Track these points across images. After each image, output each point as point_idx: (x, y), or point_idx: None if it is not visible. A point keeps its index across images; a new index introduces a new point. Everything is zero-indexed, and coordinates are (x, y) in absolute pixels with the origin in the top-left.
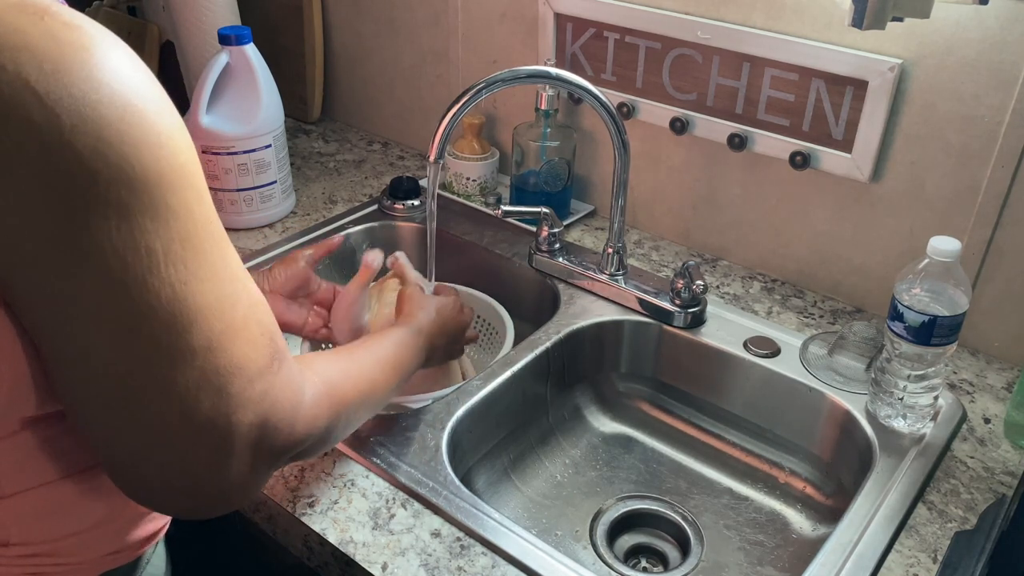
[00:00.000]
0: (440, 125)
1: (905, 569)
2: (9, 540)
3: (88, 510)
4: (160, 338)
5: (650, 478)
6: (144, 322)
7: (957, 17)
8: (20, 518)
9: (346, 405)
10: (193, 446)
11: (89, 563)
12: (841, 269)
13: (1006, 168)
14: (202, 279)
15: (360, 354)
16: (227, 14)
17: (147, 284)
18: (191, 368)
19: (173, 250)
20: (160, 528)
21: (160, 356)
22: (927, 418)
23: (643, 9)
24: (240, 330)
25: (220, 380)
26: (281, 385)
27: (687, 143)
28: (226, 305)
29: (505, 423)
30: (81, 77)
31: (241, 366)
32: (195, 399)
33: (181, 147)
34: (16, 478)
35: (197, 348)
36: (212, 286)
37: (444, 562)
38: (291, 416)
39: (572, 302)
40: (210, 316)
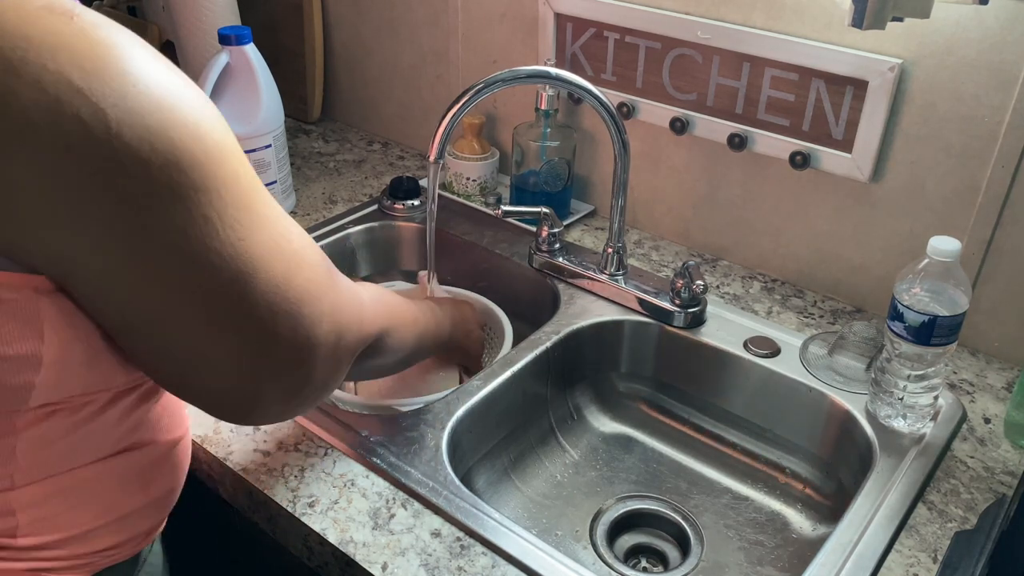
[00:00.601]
0: (440, 125)
1: (905, 569)
2: (17, 531)
3: (95, 501)
4: (231, 285)
5: (650, 478)
6: (213, 279)
7: (957, 17)
8: (30, 508)
9: (393, 320)
10: (281, 361)
11: (90, 557)
12: (841, 269)
13: (1006, 168)
14: (257, 230)
15: (400, 300)
16: (227, 14)
17: (210, 248)
18: (263, 304)
19: (228, 214)
20: (159, 524)
21: (232, 301)
22: (927, 418)
23: (643, 9)
24: (301, 261)
25: (295, 307)
26: (345, 297)
27: (687, 143)
28: (283, 243)
29: (505, 423)
30: (119, 72)
31: (308, 290)
32: (274, 329)
33: (215, 122)
34: (28, 469)
35: (266, 286)
36: (267, 233)
37: (444, 562)
38: (358, 317)
39: (572, 302)
40: (271, 260)
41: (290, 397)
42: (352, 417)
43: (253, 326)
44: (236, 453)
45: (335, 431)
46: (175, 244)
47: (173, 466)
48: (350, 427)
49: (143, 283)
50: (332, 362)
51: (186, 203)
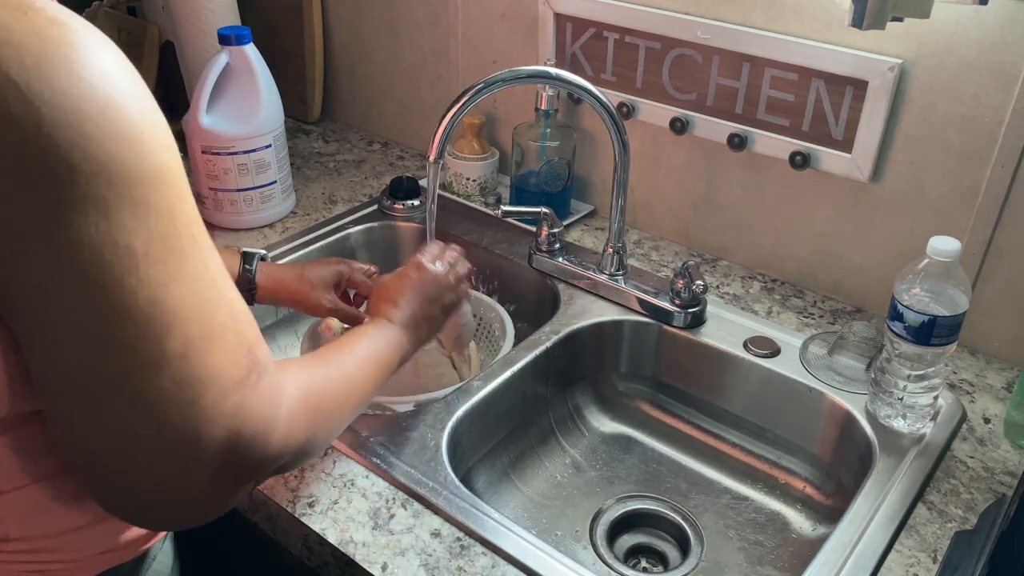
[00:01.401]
0: (440, 125)
1: (905, 569)
2: (8, 535)
3: (88, 505)
4: (135, 342)
5: (650, 478)
6: (120, 324)
7: (957, 17)
8: (19, 513)
9: (325, 415)
10: (160, 458)
11: (91, 559)
12: (841, 269)
13: (1006, 168)
14: (181, 282)
15: (340, 357)
16: (227, 14)
17: (124, 284)
18: (163, 377)
19: (153, 250)
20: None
21: (133, 362)
22: (927, 418)
23: (643, 9)
24: (217, 339)
25: (192, 391)
26: (257, 400)
27: (687, 143)
28: (205, 311)
29: (505, 423)
30: (63, 72)
31: (215, 377)
32: (165, 410)
33: (163, 146)
34: (14, 474)
35: (172, 355)
36: (191, 290)
37: (444, 562)
38: (265, 432)
39: (572, 302)
40: (187, 321)
41: (159, 498)
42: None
43: (143, 393)
44: None
45: None
46: (88, 267)
47: None
48: (350, 427)
49: (49, 304)
50: (220, 479)
51: (110, 223)
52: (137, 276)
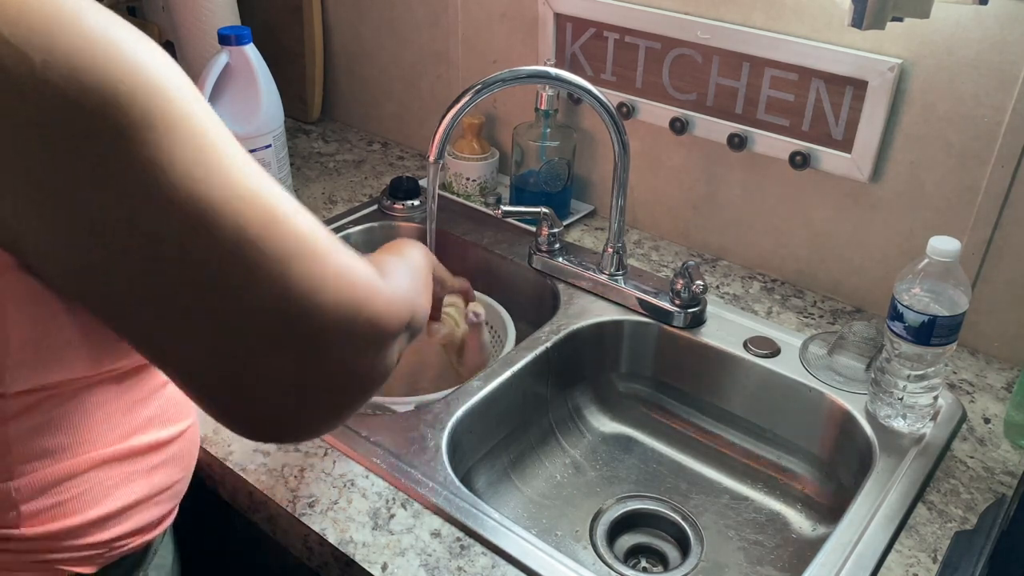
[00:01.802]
0: (440, 125)
1: (905, 569)
2: (20, 523)
3: (99, 491)
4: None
5: (650, 478)
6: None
7: (957, 17)
8: (31, 499)
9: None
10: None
11: (94, 548)
12: (841, 269)
13: (1006, 168)
14: (220, 173)
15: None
16: (227, 14)
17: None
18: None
19: (177, 154)
20: (166, 515)
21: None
22: (927, 418)
23: (643, 9)
24: (283, 212)
25: (277, 264)
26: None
27: (687, 143)
28: (256, 188)
29: (505, 423)
30: (47, 16)
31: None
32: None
33: (159, 59)
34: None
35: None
36: (233, 178)
37: (444, 562)
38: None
39: (572, 302)
40: (240, 207)
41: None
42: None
43: (219, 285)
44: (236, 453)
45: (335, 431)
46: (117, 191)
47: (179, 456)
48: (350, 427)
49: (87, 245)
50: (348, 348)
51: (125, 145)
52: (168, 182)
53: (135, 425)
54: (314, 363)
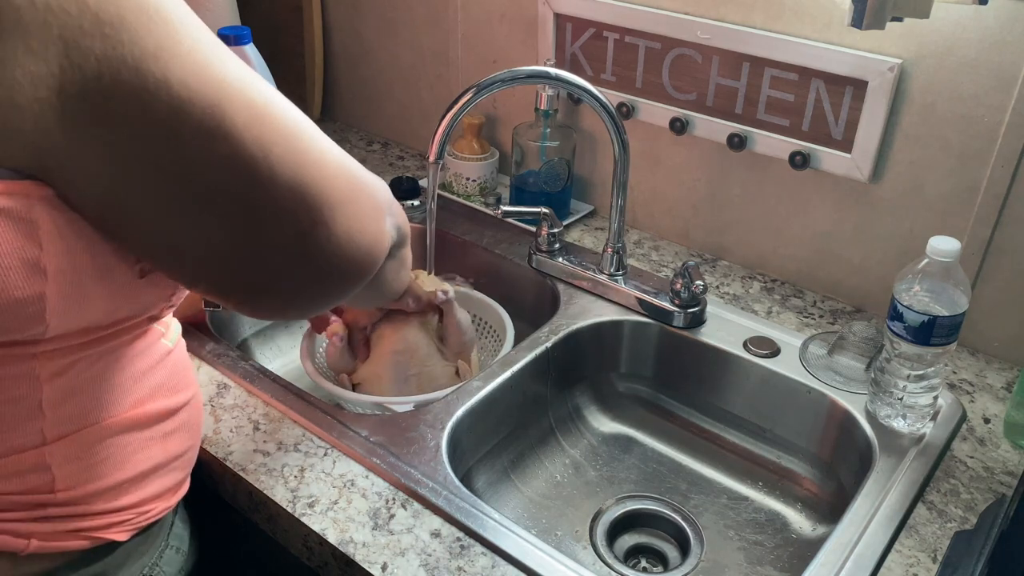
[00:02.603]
0: (440, 125)
1: (905, 569)
2: (55, 487)
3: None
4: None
5: (650, 478)
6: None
7: (957, 17)
8: (63, 463)
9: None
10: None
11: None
12: (841, 269)
13: (1006, 168)
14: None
15: None
16: (227, 14)
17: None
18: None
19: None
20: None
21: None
22: (927, 418)
23: (643, 9)
24: (283, 105)
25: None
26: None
27: (687, 143)
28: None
29: (505, 423)
30: None
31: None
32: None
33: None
34: (57, 424)
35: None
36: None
37: (444, 562)
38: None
39: (572, 302)
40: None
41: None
42: (352, 417)
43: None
44: (236, 453)
45: (335, 431)
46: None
47: (188, 424)
48: (350, 427)
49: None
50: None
51: (206, 39)
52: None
53: (145, 393)
54: (323, 231)
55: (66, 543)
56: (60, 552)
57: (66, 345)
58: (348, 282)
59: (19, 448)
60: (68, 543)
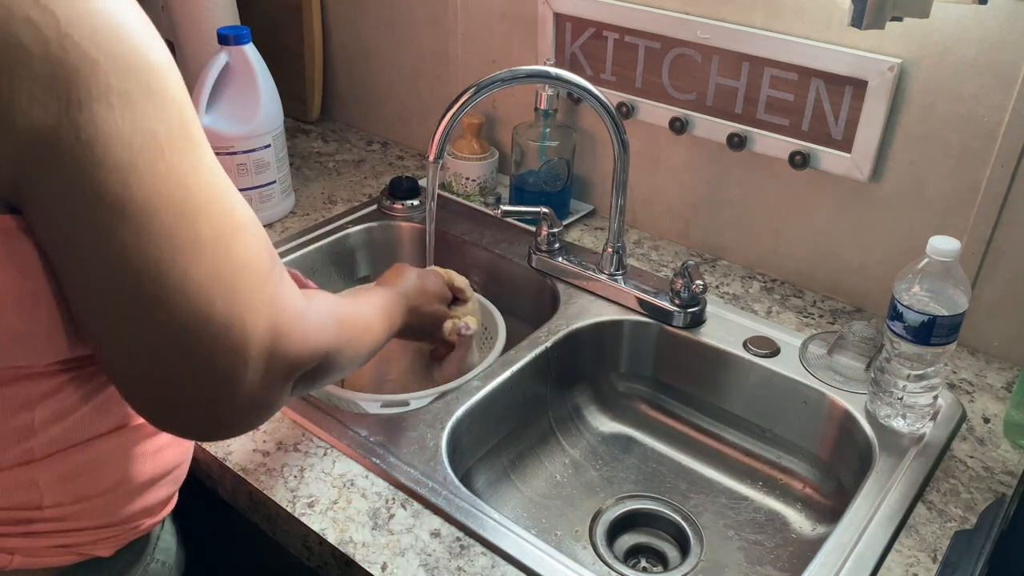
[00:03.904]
0: (440, 125)
1: (905, 569)
2: (42, 503)
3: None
4: (172, 227)
5: (650, 478)
6: (157, 209)
7: (957, 17)
8: (50, 480)
9: (350, 332)
10: (208, 349)
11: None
12: (841, 269)
13: (1005, 168)
14: (201, 171)
15: (358, 298)
16: (226, 14)
17: (156, 169)
18: (202, 262)
19: (174, 137)
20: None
21: (173, 246)
22: (926, 418)
23: (643, 9)
24: (241, 229)
25: (231, 276)
26: (287, 292)
27: (687, 143)
28: (226, 203)
29: (505, 423)
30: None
31: (249, 265)
32: (208, 295)
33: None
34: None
35: (206, 241)
36: (211, 180)
37: (444, 562)
38: (301, 324)
39: (572, 302)
40: (215, 210)
41: (210, 397)
42: (352, 417)
43: (186, 280)
44: (235, 453)
45: (335, 431)
46: (120, 157)
47: (177, 440)
48: (350, 427)
49: (86, 204)
50: (265, 372)
51: (135, 113)
52: (166, 162)
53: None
54: (225, 386)
55: (50, 559)
56: (43, 568)
57: (59, 368)
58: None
59: (7, 465)
60: (52, 559)
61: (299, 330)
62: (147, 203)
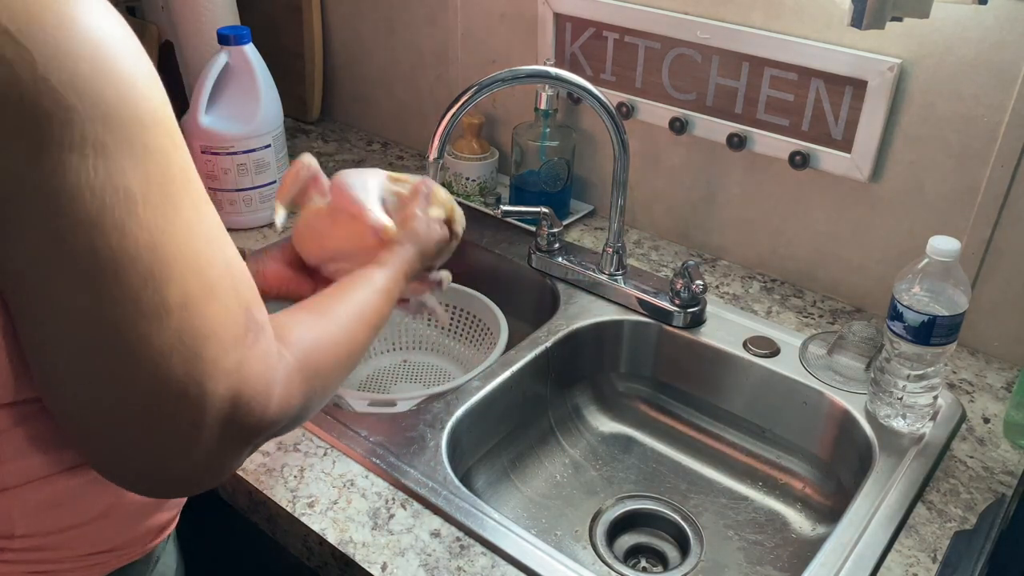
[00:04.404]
0: (440, 125)
1: (904, 569)
2: (14, 532)
3: (93, 501)
4: (136, 291)
5: (650, 478)
6: (122, 270)
7: (956, 17)
8: (25, 510)
9: (323, 379)
10: (164, 413)
11: (95, 558)
12: (841, 269)
13: (1005, 168)
14: (177, 231)
15: (337, 310)
16: (226, 14)
17: (125, 228)
18: (165, 328)
19: (150, 194)
20: (169, 521)
21: (135, 311)
22: (926, 418)
23: (643, 9)
24: (215, 294)
25: (195, 343)
26: (256, 360)
27: (687, 143)
28: (202, 263)
29: (505, 423)
30: (54, 13)
31: (216, 332)
32: (168, 361)
33: (156, 90)
34: (20, 470)
35: (172, 305)
36: (187, 240)
37: (444, 562)
38: (265, 394)
39: (572, 302)
40: (186, 272)
41: (161, 460)
42: (352, 417)
43: (145, 345)
44: None
45: (335, 431)
46: (89, 211)
47: None
48: (350, 427)
49: (47, 254)
50: (220, 439)
51: (108, 165)
52: (137, 220)
53: None
54: (177, 449)
55: None
56: None
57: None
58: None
59: None
60: None
61: (262, 399)
62: (112, 263)
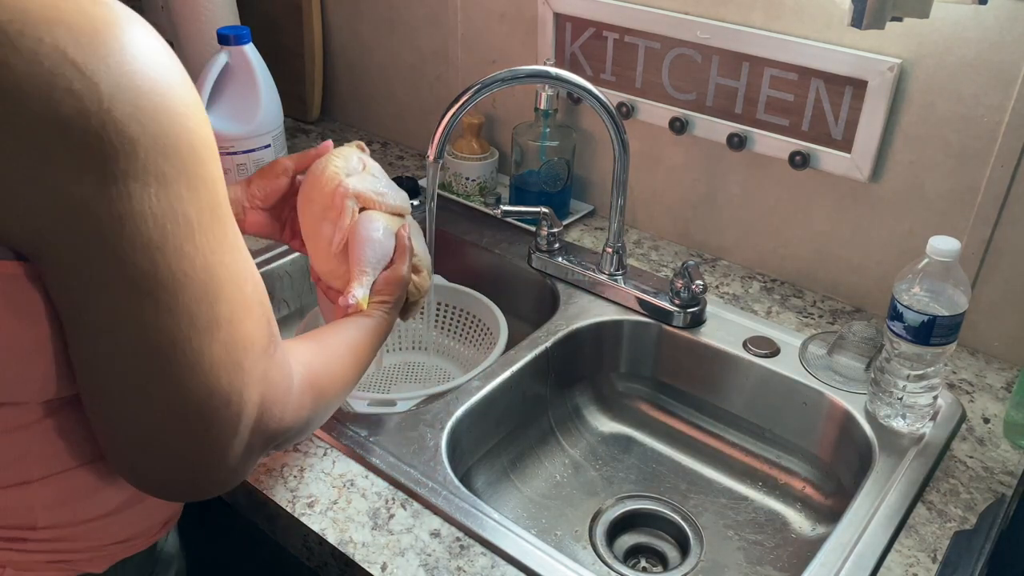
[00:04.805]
0: (440, 125)
1: (904, 569)
2: (36, 523)
3: (111, 496)
4: (193, 306)
5: (649, 478)
6: (180, 288)
7: (956, 17)
8: (47, 502)
9: (326, 397)
10: (212, 421)
11: (110, 548)
12: (840, 269)
13: (1005, 168)
14: (224, 250)
15: (335, 343)
16: (226, 14)
17: (183, 251)
18: (216, 340)
19: (204, 219)
20: (174, 515)
21: (192, 325)
22: (926, 418)
23: (643, 9)
24: (249, 306)
25: (237, 354)
26: (276, 369)
27: (686, 143)
28: (240, 279)
29: (505, 423)
30: (115, 49)
31: (253, 342)
32: (217, 372)
33: (204, 119)
34: (43, 463)
35: (222, 320)
36: (232, 258)
37: (443, 562)
38: (283, 401)
39: (571, 302)
40: (231, 288)
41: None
42: (352, 417)
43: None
44: None
45: (335, 431)
46: (151, 237)
47: None
48: (350, 427)
49: (109, 277)
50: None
51: (168, 193)
52: (193, 243)
53: None
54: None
55: (42, 573)
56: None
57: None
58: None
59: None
60: (44, 574)
61: (281, 406)
62: (172, 282)
